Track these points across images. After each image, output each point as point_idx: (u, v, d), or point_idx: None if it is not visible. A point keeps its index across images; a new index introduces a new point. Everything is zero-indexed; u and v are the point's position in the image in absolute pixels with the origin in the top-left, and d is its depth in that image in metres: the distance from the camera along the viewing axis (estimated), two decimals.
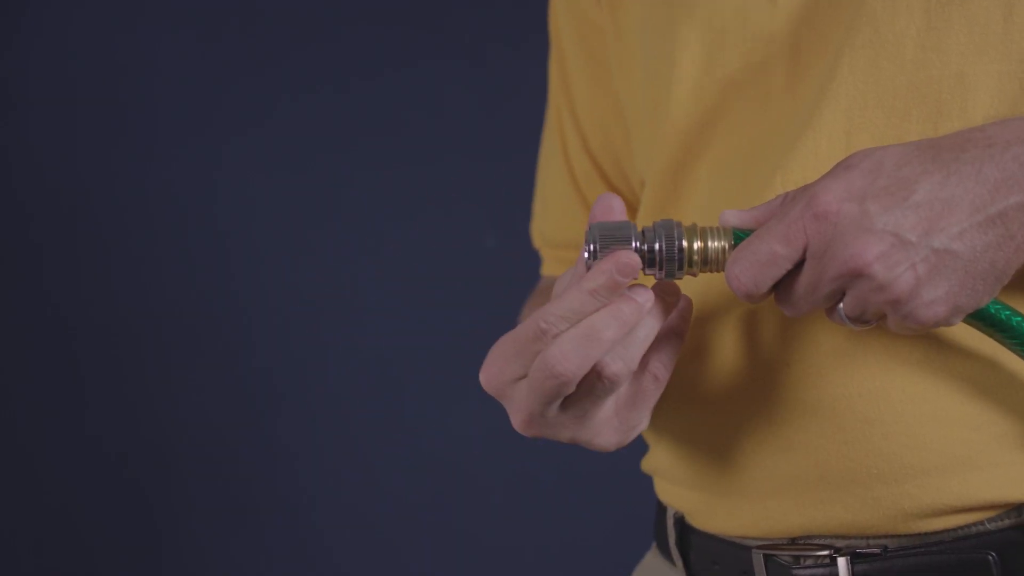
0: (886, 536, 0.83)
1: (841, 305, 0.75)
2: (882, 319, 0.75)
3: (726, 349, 0.87)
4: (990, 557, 0.81)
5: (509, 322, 1.11)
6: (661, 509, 0.99)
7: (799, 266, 0.74)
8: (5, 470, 2.10)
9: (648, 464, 0.98)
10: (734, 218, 0.77)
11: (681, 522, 0.95)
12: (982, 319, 0.75)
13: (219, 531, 2.13)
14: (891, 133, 0.81)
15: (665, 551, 0.98)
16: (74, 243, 2.09)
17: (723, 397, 0.87)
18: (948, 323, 0.74)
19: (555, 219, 1.10)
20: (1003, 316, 0.75)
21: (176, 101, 2.08)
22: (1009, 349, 0.76)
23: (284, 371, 2.11)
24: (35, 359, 2.10)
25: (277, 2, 2.08)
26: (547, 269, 1.12)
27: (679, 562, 0.95)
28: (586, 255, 0.77)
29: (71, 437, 2.10)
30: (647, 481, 1.02)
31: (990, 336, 0.76)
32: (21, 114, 2.06)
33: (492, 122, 2.05)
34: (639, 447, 1.03)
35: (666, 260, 0.77)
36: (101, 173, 2.08)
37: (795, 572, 0.85)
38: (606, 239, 0.77)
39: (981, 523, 0.81)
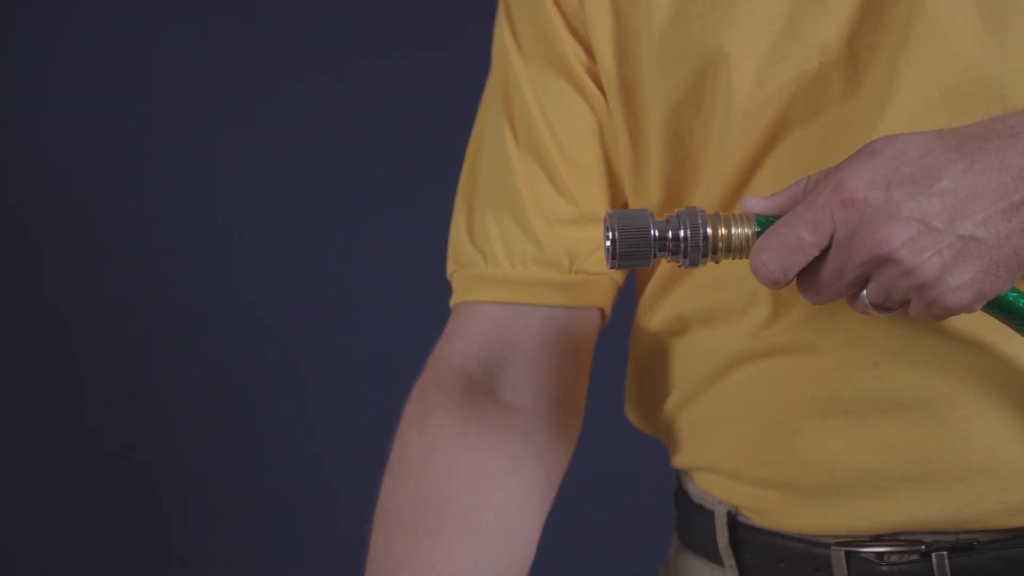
0: (980, 531, 0.83)
1: (865, 292, 0.75)
2: (905, 305, 0.75)
3: (804, 349, 0.86)
4: None
5: None
6: (696, 508, 0.97)
7: (823, 253, 0.75)
8: (5, 470, 2.10)
9: (690, 460, 0.97)
10: (757, 204, 0.78)
11: (734, 520, 0.93)
12: (999, 307, 0.76)
13: (220, 531, 2.13)
14: None
15: (707, 551, 0.96)
16: (74, 243, 2.09)
17: (804, 396, 0.87)
18: (970, 310, 0.74)
19: (502, 232, 0.97)
20: (1021, 304, 0.76)
21: (174, 99, 2.08)
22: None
23: (285, 370, 2.11)
24: (35, 359, 2.10)
25: None
26: (477, 294, 0.97)
27: (730, 562, 0.94)
28: (607, 243, 0.78)
29: (71, 437, 2.10)
30: (650, 481, 1.02)
31: (1006, 324, 0.77)
32: (21, 114, 2.06)
33: None
34: (641, 447, 1.03)
35: (691, 248, 0.77)
36: (101, 173, 2.08)
37: (882, 569, 0.85)
38: (625, 229, 0.77)
39: None
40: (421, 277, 2.10)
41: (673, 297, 0.94)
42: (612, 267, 0.79)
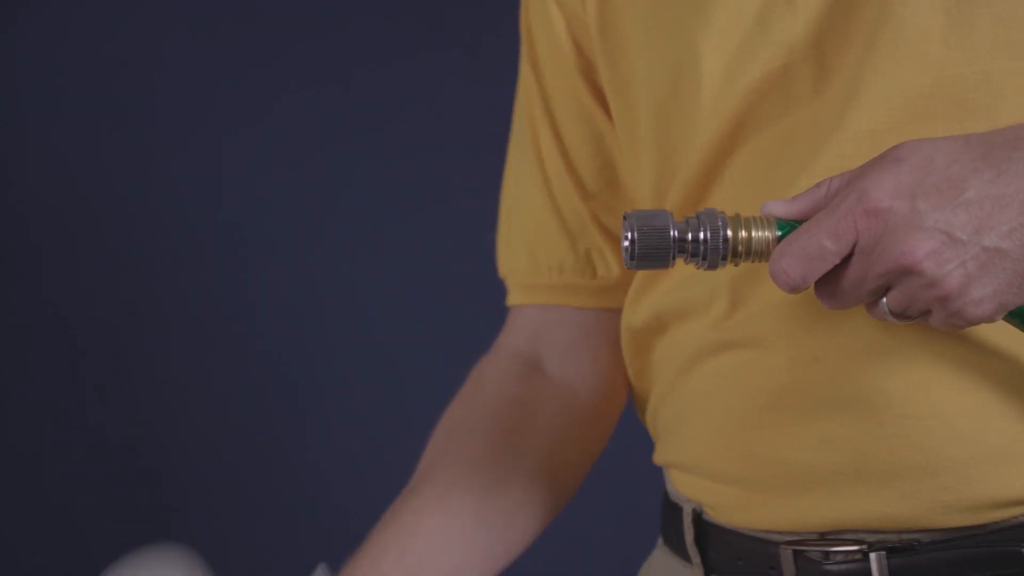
0: (920, 530, 0.84)
1: (885, 300, 0.76)
2: (925, 315, 0.76)
3: (756, 343, 0.87)
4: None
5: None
6: (672, 506, 0.98)
7: (844, 260, 0.75)
8: (5, 470, 2.10)
9: (664, 457, 0.98)
10: (779, 208, 0.78)
11: (699, 518, 0.95)
12: (1021, 317, 0.76)
13: (220, 531, 2.13)
14: (917, 133, 0.80)
15: (679, 548, 0.97)
16: (74, 243, 2.08)
17: (755, 391, 0.87)
18: (991, 320, 0.75)
19: (535, 241, 1.05)
20: None
21: (174, 100, 2.08)
22: None
23: (285, 370, 2.11)
24: (35, 359, 2.10)
25: None
26: (516, 298, 1.07)
27: (696, 559, 0.95)
28: (626, 243, 0.78)
29: (71, 437, 2.10)
30: (648, 478, 1.03)
31: None
32: (21, 114, 2.06)
33: (493, 117, 2.05)
34: (639, 444, 1.03)
35: (710, 251, 0.77)
36: (101, 173, 2.07)
37: (826, 568, 0.85)
38: (644, 228, 0.77)
39: (1018, 517, 0.82)
40: (422, 278, 2.10)
41: (653, 295, 0.95)
42: (630, 267, 0.79)
